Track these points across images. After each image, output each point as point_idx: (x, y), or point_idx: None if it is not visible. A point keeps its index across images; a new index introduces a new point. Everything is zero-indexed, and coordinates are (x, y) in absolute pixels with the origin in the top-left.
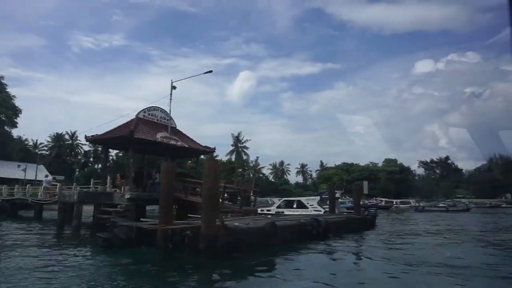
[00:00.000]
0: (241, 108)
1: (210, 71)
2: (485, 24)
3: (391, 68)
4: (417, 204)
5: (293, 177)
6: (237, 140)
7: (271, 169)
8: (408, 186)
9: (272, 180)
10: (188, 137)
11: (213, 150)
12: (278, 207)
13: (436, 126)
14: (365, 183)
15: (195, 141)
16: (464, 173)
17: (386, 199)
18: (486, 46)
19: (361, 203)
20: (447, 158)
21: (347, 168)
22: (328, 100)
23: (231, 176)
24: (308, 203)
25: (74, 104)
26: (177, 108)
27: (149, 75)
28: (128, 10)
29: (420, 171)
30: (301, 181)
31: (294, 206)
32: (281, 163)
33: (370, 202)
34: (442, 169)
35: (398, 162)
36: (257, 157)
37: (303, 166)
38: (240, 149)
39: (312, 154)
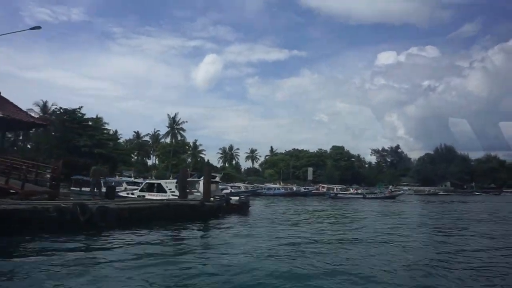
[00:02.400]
0: (206, 92)
1: (39, 27)
2: (444, 21)
3: (356, 58)
4: (331, 191)
5: (242, 162)
6: (173, 121)
7: (221, 154)
8: (354, 173)
9: (214, 164)
10: (16, 106)
11: (47, 123)
12: (141, 190)
13: (395, 116)
14: (310, 170)
15: (24, 112)
16: (412, 162)
17: (328, 186)
18: (444, 41)
19: (302, 189)
20: (397, 147)
21: (296, 154)
22: (293, 87)
23: (172, 159)
24: (167, 187)
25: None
26: (141, 89)
27: (110, 53)
28: None
29: (373, 159)
30: (251, 166)
31: (155, 189)
32: (230, 147)
33: (306, 188)
34: (393, 158)
35: (346, 149)
36: (196, 140)
37: (252, 151)
38: (176, 131)
39: (276, 140)
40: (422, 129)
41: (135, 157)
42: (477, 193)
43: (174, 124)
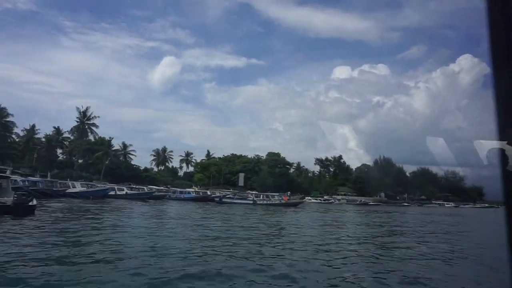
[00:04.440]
0: (163, 94)
1: None
2: (394, 41)
3: (312, 70)
4: (219, 195)
5: (176, 165)
6: (83, 116)
7: (154, 155)
8: (288, 180)
9: (146, 166)
10: None
11: None
12: None
13: (346, 129)
14: (241, 175)
15: None
16: (354, 172)
17: (255, 192)
18: (394, 61)
19: (235, 195)
20: (340, 157)
21: (233, 159)
22: (250, 95)
23: (91, 157)
24: None
25: None
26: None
27: (61, 48)
28: None
29: (317, 168)
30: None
31: None
32: (164, 149)
33: (226, 194)
34: (335, 167)
35: (282, 156)
36: (111, 138)
37: (188, 154)
38: (86, 127)
39: (232, 147)
40: (371, 142)
41: (36, 154)
42: (405, 204)
43: (84, 119)
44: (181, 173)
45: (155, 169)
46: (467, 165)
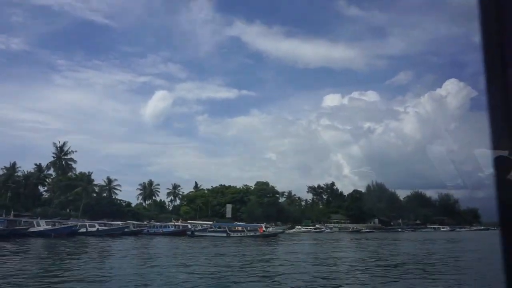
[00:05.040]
0: (156, 128)
1: None
2: (381, 68)
3: (303, 99)
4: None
5: (164, 198)
6: (60, 151)
7: (140, 189)
8: (278, 210)
9: (122, 200)
10: None
11: None
12: None
13: (340, 156)
14: (229, 206)
15: None
16: (347, 199)
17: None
18: (383, 87)
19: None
20: (332, 184)
21: (222, 190)
22: (243, 126)
23: (70, 195)
24: None
25: None
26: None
27: (54, 86)
28: (31, 13)
29: (310, 196)
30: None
31: None
32: (150, 183)
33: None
34: (328, 195)
35: (270, 185)
36: (90, 172)
37: (175, 187)
38: (64, 162)
39: (224, 178)
40: (364, 168)
41: (9, 193)
42: (399, 230)
43: (61, 154)
44: (171, 206)
45: (143, 203)
46: (460, 187)
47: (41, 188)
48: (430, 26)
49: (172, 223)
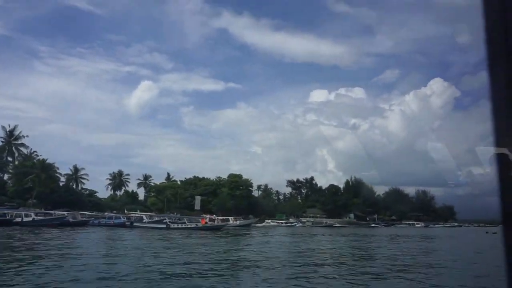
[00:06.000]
0: (140, 119)
1: None
2: (368, 65)
3: (290, 94)
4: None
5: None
6: (10, 135)
7: (110, 179)
8: (250, 203)
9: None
10: None
11: None
12: None
13: (325, 151)
14: (197, 198)
15: None
16: (326, 193)
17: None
18: (369, 84)
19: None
20: (312, 178)
21: (195, 182)
22: (229, 118)
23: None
24: None
25: None
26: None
27: (36, 73)
28: None
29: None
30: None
31: None
32: (120, 173)
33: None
34: (307, 189)
35: (244, 178)
36: (44, 159)
37: (146, 177)
38: (13, 147)
39: (210, 171)
40: (348, 164)
41: None
42: (373, 225)
43: (11, 139)
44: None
45: (115, 194)
46: (441, 185)
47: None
48: (417, 26)
49: (125, 214)
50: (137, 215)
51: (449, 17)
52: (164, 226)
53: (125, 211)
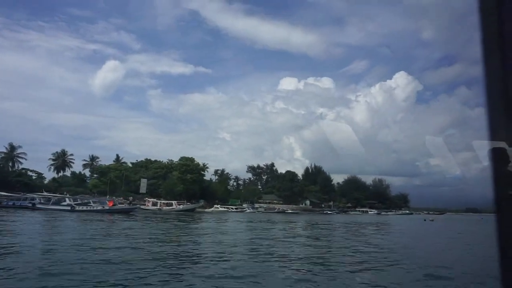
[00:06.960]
0: (105, 100)
1: None
2: (337, 56)
3: (260, 80)
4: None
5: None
6: None
7: (53, 159)
8: (202, 188)
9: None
10: None
11: None
12: None
13: (292, 139)
14: (143, 181)
15: None
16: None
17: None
18: (337, 74)
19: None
20: (272, 164)
21: (146, 165)
22: (197, 103)
23: None
24: None
25: None
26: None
27: None
28: None
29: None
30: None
31: None
32: (63, 152)
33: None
34: (268, 175)
35: (196, 162)
36: None
37: (93, 158)
38: None
39: (176, 155)
40: (315, 152)
41: None
42: (327, 212)
43: None
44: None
45: (58, 174)
46: (401, 174)
47: None
48: (385, 20)
49: (42, 195)
50: (43, 196)
51: (415, 13)
52: (68, 208)
53: (43, 192)
